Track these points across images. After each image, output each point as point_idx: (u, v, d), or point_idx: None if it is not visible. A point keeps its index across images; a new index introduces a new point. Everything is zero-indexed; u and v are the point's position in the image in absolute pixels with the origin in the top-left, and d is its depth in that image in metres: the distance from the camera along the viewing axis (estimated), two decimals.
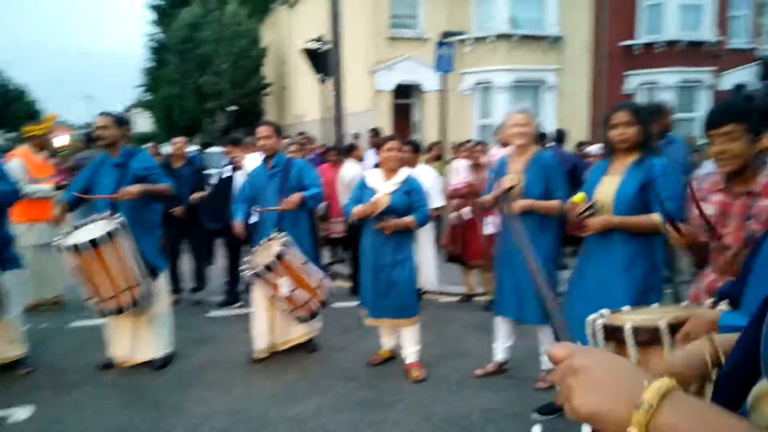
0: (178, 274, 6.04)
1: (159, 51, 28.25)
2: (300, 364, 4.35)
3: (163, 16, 27.52)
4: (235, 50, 22.27)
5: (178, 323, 4.60)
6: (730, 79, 15.44)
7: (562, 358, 0.66)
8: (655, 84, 14.26)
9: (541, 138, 6.24)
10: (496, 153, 5.48)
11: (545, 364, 3.80)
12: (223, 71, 22.13)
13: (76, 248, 3.64)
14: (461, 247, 5.82)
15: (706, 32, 14.30)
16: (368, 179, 4.11)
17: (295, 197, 4.30)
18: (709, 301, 1.82)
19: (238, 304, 5.86)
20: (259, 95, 24.13)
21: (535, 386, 3.77)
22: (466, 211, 5.83)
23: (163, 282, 4.34)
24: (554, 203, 3.56)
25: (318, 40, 10.79)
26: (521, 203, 3.58)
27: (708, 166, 4.90)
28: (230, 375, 4.16)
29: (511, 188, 3.57)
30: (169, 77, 24.47)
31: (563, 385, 0.65)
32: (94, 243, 3.65)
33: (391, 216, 3.89)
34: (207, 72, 22.23)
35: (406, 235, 4.02)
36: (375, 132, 9.04)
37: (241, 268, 4.75)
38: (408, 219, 3.92)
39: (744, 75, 15.74)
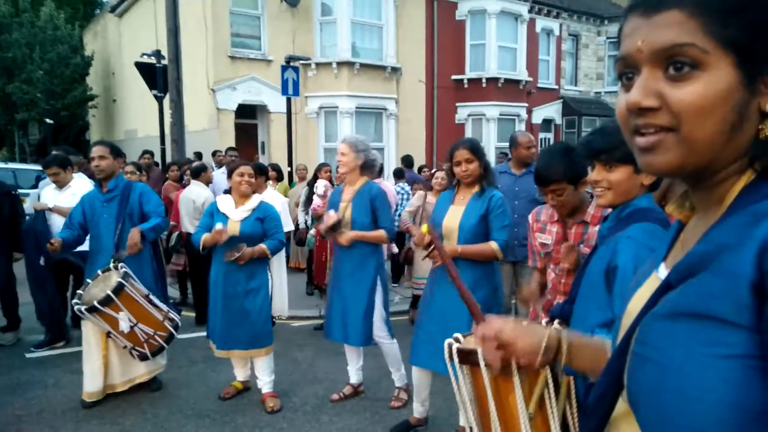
0: None
1: None
2: (141, 405, 3.99)
3: None
4: (52, 57, 20.03)
5: None
6: (540, 114, 17.68)
7: (492, 333, 1.04)
8: (482, 115, 15.76)
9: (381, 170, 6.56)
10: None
11: (398, 382, 3.97)
12: (37, 79, 19.73)
13: None
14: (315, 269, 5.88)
15: (521, 72, 16.19)
16: (219, 205, 3.97)
17: (135, 234, 3.95)
18: (544, 320, 2.08)
19: (62, 343, 5.22)
20: (83, 108, 21.91)
21: (390, 405, 3.91)
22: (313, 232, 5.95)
23: None
24: (380, 233, 3.73)
25: (154, 54, 10.17)
26: (348, 236, 3.71)
27: None
28: (56, 425, 3.67)
29: (337, 222, 3.69)
30: None
31: (499, 351, 1.05)
32: None
33: (242, 243, 3.78)
34: (17, 79, 19.63)
35: (260, 262, 3.92)
36: (232, 150, 8.70)
37: (73, 301, 4.25)
38: (262, 247, 3.84)
39: (550, 111, 18.15)
